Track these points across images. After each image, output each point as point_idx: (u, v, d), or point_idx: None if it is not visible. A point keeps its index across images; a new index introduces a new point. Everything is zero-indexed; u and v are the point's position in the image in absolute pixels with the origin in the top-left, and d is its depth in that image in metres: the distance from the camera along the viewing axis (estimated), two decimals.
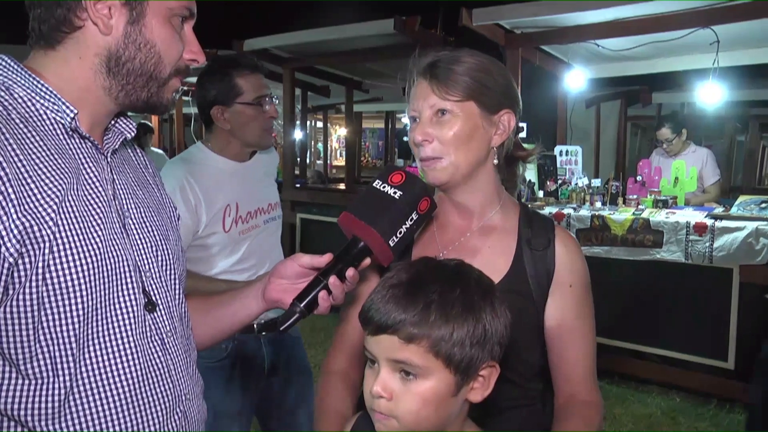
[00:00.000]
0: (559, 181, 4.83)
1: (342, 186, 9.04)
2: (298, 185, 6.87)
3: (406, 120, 12.04)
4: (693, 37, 4.33)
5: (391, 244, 1.09)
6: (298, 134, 7.85)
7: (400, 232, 1.10)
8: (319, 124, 13.97)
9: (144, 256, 1.02)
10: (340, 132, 15.18)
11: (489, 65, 1.25)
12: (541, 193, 4.77)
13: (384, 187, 1.11)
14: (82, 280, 0.90)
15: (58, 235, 0.88)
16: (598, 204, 4.39)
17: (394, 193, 1.10)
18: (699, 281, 3.90)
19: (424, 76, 1.24)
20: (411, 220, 1.11)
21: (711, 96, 5.07)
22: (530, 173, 4.83)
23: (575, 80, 5.43)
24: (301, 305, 1.09)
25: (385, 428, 0.96)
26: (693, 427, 3.63)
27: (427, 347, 0.92)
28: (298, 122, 7.76)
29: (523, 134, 5.10)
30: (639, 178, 4.63)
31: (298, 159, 7.97)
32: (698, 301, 3.92)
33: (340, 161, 14.46)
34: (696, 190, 4.81)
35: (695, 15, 4.09)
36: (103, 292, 0.93)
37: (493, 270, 1.17)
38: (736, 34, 4.30)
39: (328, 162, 13.26)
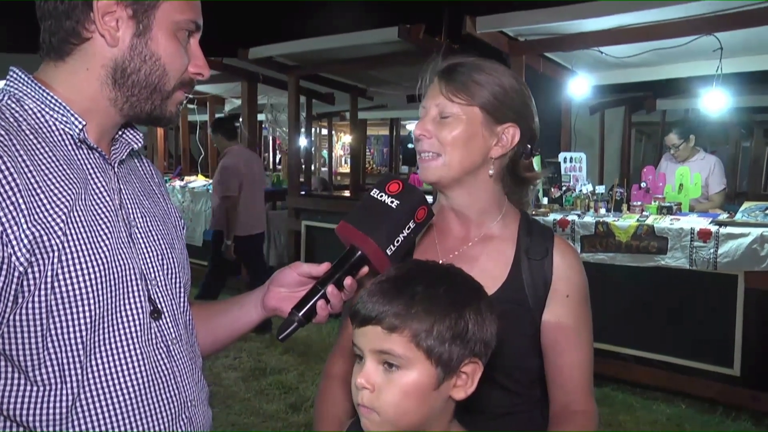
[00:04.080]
0: (564, 188, 4.83)
1: (347, 193, 9.05)
2: (302, 193, 6.89)
3: (410, 127, 12.06)
4: (696, 44, 4.34)
5: (389, 252, 1.10)
6: (302, 142, 7.88)
7: (398, 241, 1.11)
8: (324, 132, 14.00)
9: (150, 265, 1.04)
10: (344, 139, 15.20)
11: (505, 80, 1.26)
12: (545, 200, 4.76)
13: (381, 196, 1.12)
14: (89, 289, 0.91)
15: (66, 245, 0.90)
16: (603, 210, 4.39)
17: (392, 202, 1.11)
18: (704, 288, 3.90)
19: (437, 77, 1.26)
20: (408, 229, 1.12)
21: (715, 102, 5.07)
22: None
23: (579, 87, 5.44)
24: (300, 314, 1.10)
25: (369, 422, 0.98)
26: None
27: (409, 337, 0.94)
28: (302, 130, 7.78)
29: None
30: (643, 184, 4.63)
31: (303, 166, 7.99)
32: (703, 307, 3.92)
33: (345, 168, 14.47)
34: (700, 197, 4.81)
35: (699, 22, 4.10)
36: (110, 300, 0.95)
37: (490, 278, 1.19)
38: (739, 40, 4.30)
39: (333, 169, 13.28)
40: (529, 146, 1.31)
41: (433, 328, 0.94)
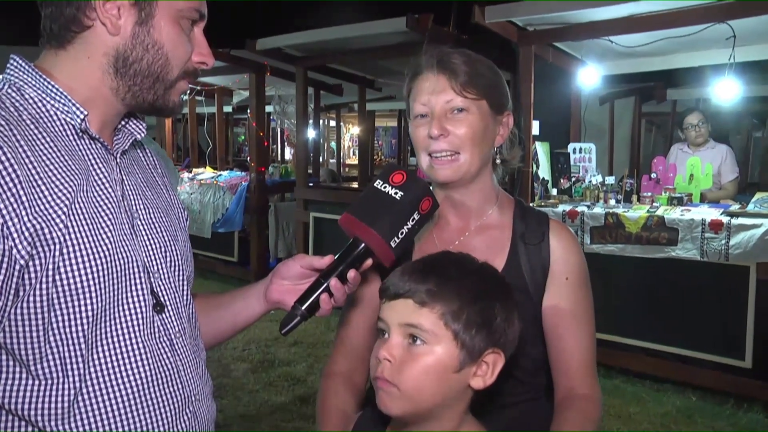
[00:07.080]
0: (573, 179, 4.80)
1: (355, 185, 9.04)
2: (311, 184, 6.87)
3: None
4: (708, 32, 4.27)
5: (393, 245, 1.08)
6: (310, 133, 7.86)
7: (402, 233, 1.09)
8: (332, 123, 13.97)
9: (152, 258, 1.02)
10: (353, 131, 15.16)
11: (496, 69, 1.29)
12: (554, 191, 4.73)
13: (385, 187, 1.10)
14: (91, 282, 0.90)
15: (68, 237, 0.88)
16: (612, 201, 4.36)
17: (395, 193, 1.09)
18: (715, 279, 3.86)
19: (440, 71, 1.24)
20: (413, 221, 1.10)
21: (727, 92, 4.98)
22: (544, 171, 4.80)
23: (589, 77, 5.38)
24: (302, 308, 1.08)
25: (387, 396, 0.97)
26: (710, 426, 3.59)
27: (439, 314, 0.96)
28: (310, 121, 7.76)
29: (535, 131, 5.01)
30: (653, 175, 4.59)
31: (311, 158, 7.97)
32: (714, 299, 3.88)
33: (353, 160, 14.45)
34: (712, 186, 4.76)
35: (711, 10, 4.04)
36: (112, 294, 0.93)
37: None
38: (752, 28, 4.23)
39: (341, 161, 13.27)
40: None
41: (463, 311, 0.96)
